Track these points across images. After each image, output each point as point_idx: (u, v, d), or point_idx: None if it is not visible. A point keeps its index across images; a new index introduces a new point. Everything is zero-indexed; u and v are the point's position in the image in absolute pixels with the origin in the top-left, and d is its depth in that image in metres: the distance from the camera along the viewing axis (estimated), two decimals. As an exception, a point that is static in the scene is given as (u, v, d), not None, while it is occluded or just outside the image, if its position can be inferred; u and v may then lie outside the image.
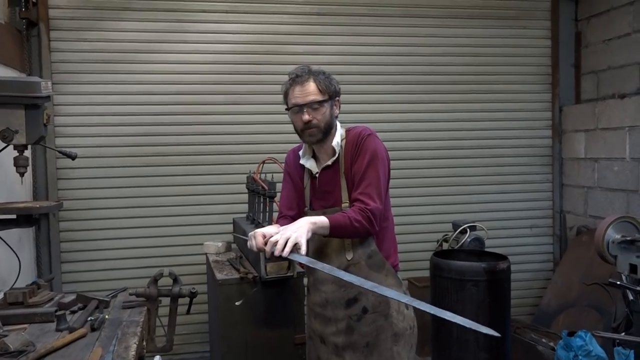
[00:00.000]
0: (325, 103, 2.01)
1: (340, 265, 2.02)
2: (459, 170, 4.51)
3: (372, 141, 2.02)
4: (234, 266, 3.12)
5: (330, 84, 2.04)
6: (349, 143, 2.05)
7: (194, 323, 4.03)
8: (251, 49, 4.12)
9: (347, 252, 2.05)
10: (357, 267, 2.03)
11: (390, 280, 2.07)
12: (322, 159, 2.13)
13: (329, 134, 2.06)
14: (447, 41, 4.43)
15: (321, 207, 2.11)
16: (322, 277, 2.09)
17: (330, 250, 2.08)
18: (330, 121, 2.04)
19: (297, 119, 2.03)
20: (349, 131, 2.11)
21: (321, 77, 2.03)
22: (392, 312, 2.05)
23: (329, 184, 2.09)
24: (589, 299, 3.79)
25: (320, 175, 2.12)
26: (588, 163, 4.36)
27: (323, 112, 2.01)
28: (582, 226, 4.38)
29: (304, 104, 1.99)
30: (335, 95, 2.06)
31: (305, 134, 2.04)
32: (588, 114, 4.36)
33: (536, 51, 4.60)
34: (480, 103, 4.52)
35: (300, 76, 2.02)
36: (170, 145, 4.03)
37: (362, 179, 1.98)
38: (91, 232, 3.94)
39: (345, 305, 2.07)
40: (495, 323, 2.91)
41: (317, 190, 2.13)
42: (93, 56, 3.89)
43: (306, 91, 2.00)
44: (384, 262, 2.07)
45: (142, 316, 2.24)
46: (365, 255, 2.04)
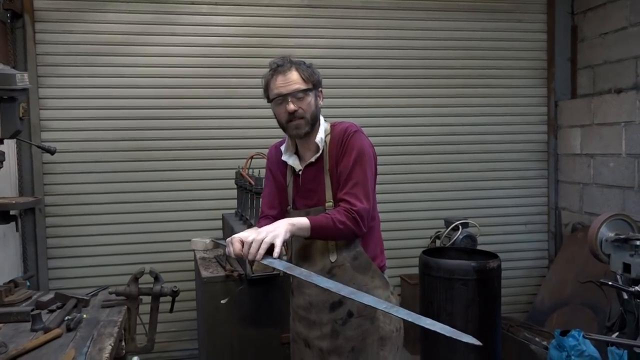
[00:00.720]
0: (309, 92, 1.91)
1: (324, 267, 1.95)
2: (453, 165, 4.45)
3: (359, 138, 1.92)
4: (220, 264, 3.05)
5: (313, 72, 1.93)
6: (334, 139, 1.95)
7: (182, 320, 3.98)
8: (241, 42, 4.04)
9: (331, 253, 1.96)
10: (342, 269, 1.95)
11: (377, 282, 1.99)
12: (305, 155, 2.02)
13: (315, 125, 1.95)
14: (440, 34, 4.36)
15: (305, 206, 2.01)
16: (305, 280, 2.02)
17: (315, 251, 1.99)
18: (315, 112, 1.94)
19: (281, 110, 1.92)
20: (333, 126, 2.01)
21: (303, 66, 1.93)
22: (378, 315, 1.97)
23: (313, 182, 1.99)
24: (583, 297, 3.73)
25: (304, 172, 2.00)
26: (584, 159, 4.30)
27: (308, 102, 1.90)
28: (577, 223, 4.32)
29: (287, 93, 1.88)
30: (318, 85, 1.96)
31: (290, 127, 1.92)
32: (584, 109, 4.29)
33: (532, 45, 4.53)
34: (475, 97, 4.46)
35: (281, 65, 1.92)
36: (159, 140, 3.96)
37: (348, 178, 1.89)
38: (78, 228, 3.88)
39: (330, 308, 1.99)
40: (485, 323, 2.86)
41: (300, 188, 2.02)
42: (79, 48, 3.82)
43: (289, 80, 1.89)
44: (369, 263, 1.99)
45: (121, 316, 2.18)
46: (350, 257, 1.96)
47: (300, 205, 2.03)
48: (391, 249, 3.95)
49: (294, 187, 2.05)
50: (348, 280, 1.92)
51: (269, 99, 1.96)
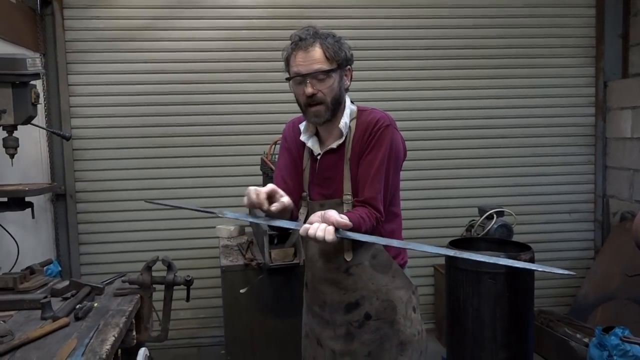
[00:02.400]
0: (332, 73, 1.70)
1: (340, 267, 1.81)
2: (491, 150, 4.22)
3: (391, 134, 1.73)
4: (241, 252, 2.99)
5: (340, 49, 1.72)
6: (361, 127, 1.76)
7: (211, 307, 3.97)
8: (267, 24, 3.93)
9: (347, 252, 1.79)
10: (361, 268, 1.80)
11: (398, 282, 1.84)
12: (325, 139, 1.84)
13: (338, 110, 1.77)
14: (478, 12, 4.10)
15: (320, 195, 1.84)
16: (320, 277, 1.87)
17: (331, 249, 1.81)
18: (338, 95, 1.74)
19: (299, 91, 1.74)
20: (362, 111, 1.81)
21: (329, 40, 1.71)
22: (398, 317, 1.82)
23: (331, 170, 1.81)
24: (630, 292, 3.47)
25: (322, 158, 1.82)
26: (635, 143, 3.98)
27: (330, 85, 1.70)
28: (626, 212, 4.02)
29: (307, 73, 1.68)
30: (345, 63, 1.75)
31: (309, 113, 1.75)
32: (637, 89, 3.96)
33: (578, 21, 4.21)
34: (515, 78, 4.20)
35: (304, 39, 1.70)
36: (184, 126, 3.92)
37: (375, 178, 1.71)
38: (107, 214, 3.91)
39: (345, 310, 1.84)
40: (516, 320, 2.67)
41: (316, 174, 1.86)
42: (106, 34, 3.81)
43: (311, 58, 1.68)
44: (390, 261, 1.82)
45: (132, 305, 2.14)
46: (369, 255, 1.80)
47: (315, 194, 1.86)
48: (424, 237, 3.81)
49: (310, 172, 1.87)
50: (367, 280, 1.79)
51: (289, 76, 1.78)
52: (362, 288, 1.80)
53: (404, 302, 1.83)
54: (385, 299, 1.80)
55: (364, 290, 1.80)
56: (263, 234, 2.71)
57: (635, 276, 3.48)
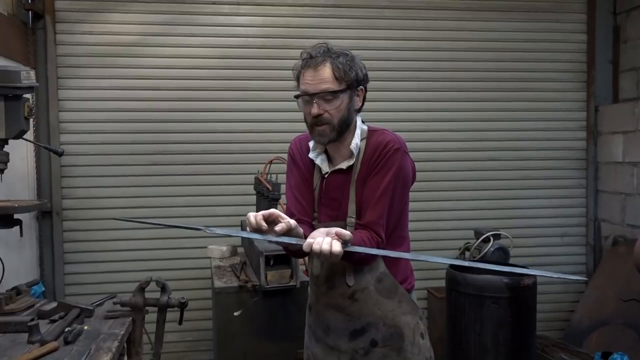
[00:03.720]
0: (341, 94, 1.65)
1: (344, 293, 1.74)
2: (484, 173, 4.21)
3: (400, 157, 1.69)
4: (235, 273, 2.92)
5: (351, 69, 1.66)
6: (370, 147, 1.71)
7: (199, 330, 3.86)
8: (263, 43, 3.92)
9: (348, 276, 1.73)
10: (365, 294, 1.73)
11: (405, 307, 1.77)
12: (334, 159, 1.78)
13: (345, 132, 1.71)
14: (472, 35, 4.14)
15: (327, 217, 1.77)
16: (324, 302, 1.80)
17: (334, 273, 1.76)
18: (346, 117, 1.68)
19: (306, 110, 1.68)
20: (372, 132, 1.76)
21: (341, 60, 1.65)
22: (405, 345, 1.76)
23: (337, 191, 1.74)
24: (625, 317, 3.46)
25: (329, 177, 1.76)
26: (626, 167, 4.01)
27: (337, 106, 1.65)
28: (619, 236, 4.03)
29: (314, 92, 1.64)
30: (357, 84, 1.70)
31: (314, 132, 1.69)
32: (627, 114, 4.00)
33: (570, 46, 4.26)
34: (509, 102, 4.22)
35: (314, 57, 1.65)
36: (177, 143, 3.85)
37: (378, 201, 1.65)
38: (95, 233, 3.80)
39: (350, 336, 1.77)
40: (518, 346, 2.63)
41: (323, 194, 1.78)
42: (98, 49, 3.75)
43: (319, 77, 1.63)
44: (396, 286, 1.76)
45: (124, 328, 2.05)
46: (374, 279, 1.74)
47: (323, 216, 1.79)
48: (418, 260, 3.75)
49: (319, 192, 1.80)
50: (373, 306, 1.73)
51: (298, 93, 1.73)
52: (368, 314, 1.74)
53: (412, 328, 1.77)
54: (392, 325, 1.74)
55: (370, 317, 1.74)
56: (259, 255, 2.64)
57: (630, 301, 3.46)
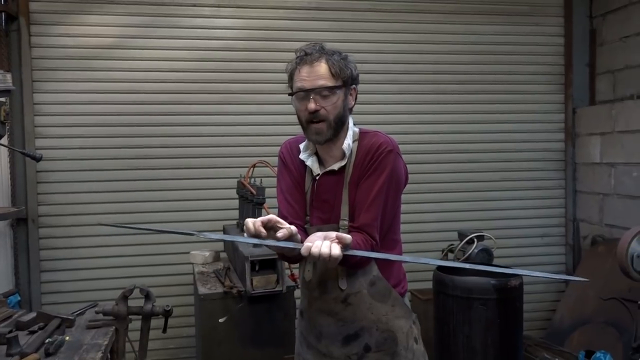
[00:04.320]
0: (337, 90, 1.64)
1: (337, 297, 1.72)
2: (465, 175, 4.24)
3: (393, 159, 1.67)
4: (219, 279, 2.87)
5: (346, 67, 1.66)
6: (362, 150, 1.70)
7: (181, 337, 3.79)
8: (245, 46, 3.88)
9: (341, 280, 1.70)
10: (359, 297, 1.71)
11: (398, 311, 1.76)
12: (326, 160, 1.76)
13: (340, 130, 1.70)
14: (453, 38, 4.17)
15: (319, 220, 1.75)
16: (317, 307, 1.77)
17: (327, 277, 1.73)
18: (342, 114, 1.67)
19: (302, 107, 1.66)
20: (364, 134, 1.75)
21: (335, 57, 1.65)
22: (399, 349, 1.74)
23: (329, 193, 1.72)
24: (606, 316, 3.50)
25: (321, 179, 1.74)
26: (604, 168, 4.08)
27: (334, 102, 1.64)
28: (597, 236, 4.09)
29: (311, 88, 1.62)
30: (351, 82, 1.69)
31: (310, 130, 1.67)
32: (604, 116, 4.08)
33: (549, 49, 4.33)
34: (489, 104, 4.26)
35: (310, 54, 1.64)
36: (157, 148, 3.79)
37: (372, 204, 1.64)
38: (73, 239, 3.70)
39: (343, 342, 1.74)
40: (506, 347, 2.63)
41: (315, 196, 1.75)
42: (76, 52, 3.66)
43: (315, 73, 1.62)
44: (389, 289, 1.74)
45: (107, 338, 2.00)
46: (367, 283, 1.72)
47: (315, 219, 1.76)
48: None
49: (310, 194, 1.77)
50: (366, 310, 1.71)
51: (291, 92, 1.71)
52: (362, 318, 1.72)
53: (405, 333, 1.75)
54: (386, 330, 1.72)
55: (363, 321, 1.72)
56: (244, 260, 2.60)
57: (610, 299, 3.51)
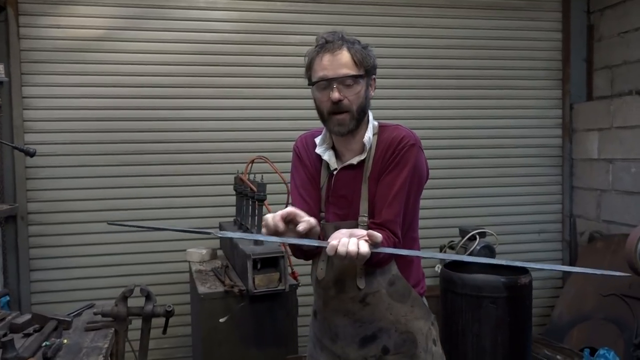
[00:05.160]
0: (360, 79, 1.58)
1: (355, 296, 1.65)
2: (463, 171, 4.20)
3: (416, 155, 1.61)
4: (219, 277, 2.79)
5: (368, 56, 1.61)
6: (383, 143, 1.63)
7: (176, 336, 3.71)
8: (240, 39, 3.79)
9: (359, 279, 1.64)
10: (377, 297, 1.64)
11: (417, 312, 1.70)
12: (343, 154, 1.68)
13: (362, 121, 1.63)
14: (449, 32, 4.12)
15: (335, 216, 1.67)
16: (333, 307, 1.70)
17: (345, 275, 1.66)
18: (364, 105, 1.61)
19: (324, 96, 1.58)
20: (384, 127, 1.68)
21: (357, 46, 1.60)
22: (419, 351, 1.67)
23: (347, 188, 1.65)
24: (606, 312, 3.49)
25: (338, 174, 1.67)
26: (602, 164, 4.07)
27: (357, 92, 1.57)
28: (595, 231, 4.09)
29: (334, 77, 1.55)
30: (372, 71, 1.63)
31: (332, 121, 1.59)
32: (602, 111, 4.06)
33: (546, 44, 4.30)
34: (486, 99, 4.22)
35: (331, 42, 1.57)
36: (151, 143, 3.69)
37: (395, 199, 1.58)
38: (64, 237, 3.60)
39: (360, 344, 1.67)
40: (516, 346, 2.59)
41: (331, 192, 1.68)
42: (66, 44, 3.55)
43: (338, 61, 1.55)
44: (409, 289, 1.68)
45: (107, 341, 1.92)
46: (386, 282, 1.65)
47: (331, 215, 1.69)
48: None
49: (326, 190, 1.70)
50: (385, 310, 1.65)
51: (310, 81, 1.62)
52: (380, 319, 1.65)
53: (424, 334, 1.69)
54: (405, 331, 1.66)
55: (381, 322, 1.65)
56: (245, 258, 2.53)
57: (609, 296, 3.51)
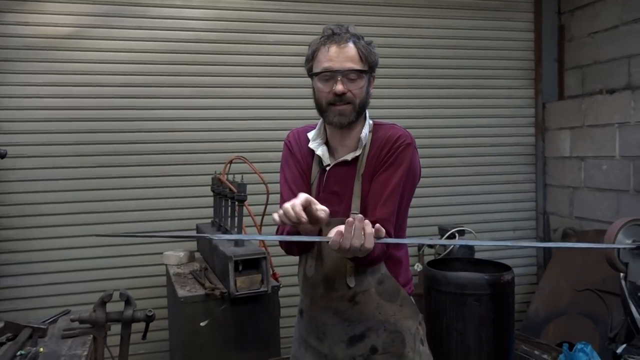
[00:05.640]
0: (364, 75, 1.58)
1: (344, 295, 1.63)
2: (440, 170, 4.23)
3: (411, 154, 1.62)
4: (198, 280, 2.75)
5: (372, 52, 1.60)
6: (378, 141, 1.63)
7: (153, 341, 3.62)
8: (217, 38, 3.74)
9: (349, 277, 1.62)
10: (367, 296, 1.63)
11: (406, 311, 1.69)
12: (337, 149, 1.67)
13: (361, 116, 1.63)
14: (426, 32, 4.15)
15: None
16: (321, 306, 1.68)
17: (334, 274, 1.65)
18: (365, 99, 1.61)
19: (326, 88, 1.57)
20: (379, 126, 1.68)
21: (362, 42, 1.59)
22: (407, 351, 1.66)
23: (339, 184, 1.63)
24: (581, 307, 3.56)
25: (331, 170, 1.65)
26: (574, 162, 4.16)
27: (361, 86, 1.57)
28: (568, 228, 4.17)
29: (339, 69, 1.54)
30: (374, 68, 1.63)
31: (332, 112, 1.58)
32: (574, 110, 4.15)
33: (519, 44, 4.38)
34: (462, 98, 4.27)
35: (338, 34, 1.57)
36: (126, 144, 3.61)
37: (389, 198, 1.57)
38: (35, 242, 3.48)
39: (348, 343, 1.65)
40: (500, 343, 2.62)
41: (323, 188, 1.66)
42: (36, 42, 3.44)
43: (344, 54, 1.55)
44: (397, 288, 1.67)
45: (86, 348, 1.86)
46: (375, 281, 1.64)
47: None
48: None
49: (317, 185, 1.68)
50: (374, 309, 1.63)
51: (312, 71, 1.60)
52: (369, 318, 1.64)
53: (413, 334, 1.69)
54: (393, 331, 1.65)
55: (370, 321, 1.64)
56: (226, 260, 2.49)
57: (584, 291, 3.58)
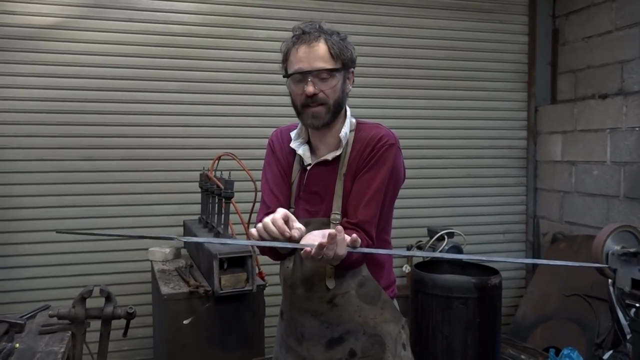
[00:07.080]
0: (337, 73, 1.54)
1: (323, 296, 1.59)
2: (432, 171, 4.21)
3: (395, 155, 1.57)
4: (183, 277, 2.68)
5: (346, 48, 1.56)
6: (360, 141, 1.59)
7: (136, 338, 3.56)
8: (206, 32, 3.68)
9: (329, 279, 1.58)
10: (346, 298, 1.59)
11: (387, 315, 1.64)
12: (318, 149, 1.64)
13: (338, 115, 1.59)
14: (419, 32, 4.12)
15: (306, 212, 1.61)
16: (299, 306, 1.64)
17: (313, 275, 1.60)
18: (340, 98, 1.57)
19: (298, 89, 1.54)
20: (361, 125, 1.64)
21: (335, 37, 1.54)
22: (387, 355, 1.62)
23: (320, 184, 1.60)
24: (569, 312, 3.54)
25: (312, 169, 1.62)
26: (565, 166, 4.14)
27: (333, 85, 1.53)
28: (557, 232, 4.15)
29: (309, 70, 1.51)
30: (349, 64, 1.59)
31: (306, 114, 1.55)
32: (566, 114, 4.14)
33: (513, 47, 4.35)
34: (453, 100, 4.24)
35: (308, 33, 1.53)
36: (111, 137, 3.53)
37: (371, 199, 1.52)
38: (13, 235, 3.40)
39: (326, 346, 1.61)
40: (486, 347, 2.58)
41: (304, 187, 1.62)
42: (20, 32, 3.35)
43: (314, 54, 1.51)
44: (379, 291, 1.63)
45: (64, 345, 1.79)
46: (356, 283, 1.59)
47: (301, 211, 1.61)
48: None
49: (297, 185, 1.64)
50: (353, 312, 1.59)
51: (286, 73, 1.57)
52: (348, 321, 1.59)
53: (394, 338, 1.64)
54: (373, 334, 1.61)
55: (349, 324, 1.60)
56: (211, 258, 2.43)
57: (572, 296, 3.56)
